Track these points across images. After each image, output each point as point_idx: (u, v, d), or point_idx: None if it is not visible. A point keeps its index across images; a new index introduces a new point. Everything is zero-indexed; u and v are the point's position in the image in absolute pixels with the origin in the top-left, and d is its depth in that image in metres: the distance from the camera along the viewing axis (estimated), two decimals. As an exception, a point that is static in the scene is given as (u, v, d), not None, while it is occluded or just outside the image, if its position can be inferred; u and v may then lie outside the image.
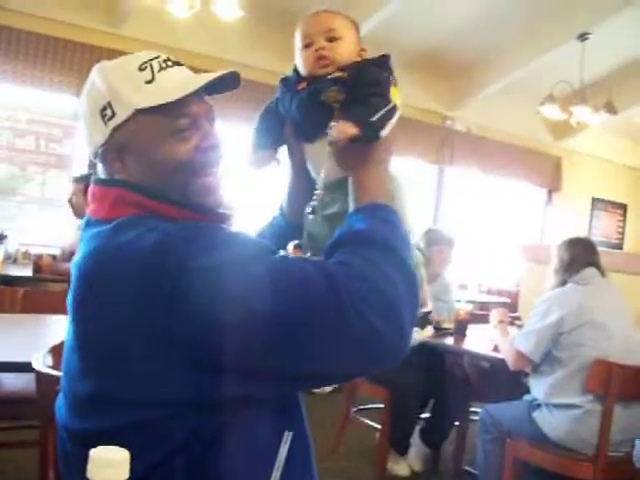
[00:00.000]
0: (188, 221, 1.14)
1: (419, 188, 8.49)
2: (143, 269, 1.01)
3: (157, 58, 1.19)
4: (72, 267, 1.15)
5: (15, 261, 5.50)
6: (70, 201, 4.59)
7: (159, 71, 1.17)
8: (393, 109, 1.22)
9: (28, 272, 4.91)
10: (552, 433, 2.89)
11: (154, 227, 1.06)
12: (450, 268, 4.41)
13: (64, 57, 5.76)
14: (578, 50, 6.53)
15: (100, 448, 0.69)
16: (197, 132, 1.17)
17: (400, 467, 3.84)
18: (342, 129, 1.16)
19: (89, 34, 5.83)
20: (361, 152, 1.21)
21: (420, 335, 3.82)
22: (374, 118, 1.18)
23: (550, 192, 9.58)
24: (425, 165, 8.36)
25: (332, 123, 1.19)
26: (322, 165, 1.28)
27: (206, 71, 1.24)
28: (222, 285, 0.98)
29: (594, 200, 10.09)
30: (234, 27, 5.49)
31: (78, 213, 4.52)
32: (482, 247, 8.85)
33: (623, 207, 10.53)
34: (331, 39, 1.30)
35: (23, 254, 5.58)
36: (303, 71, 1.31)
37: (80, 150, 5.99)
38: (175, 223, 1.10)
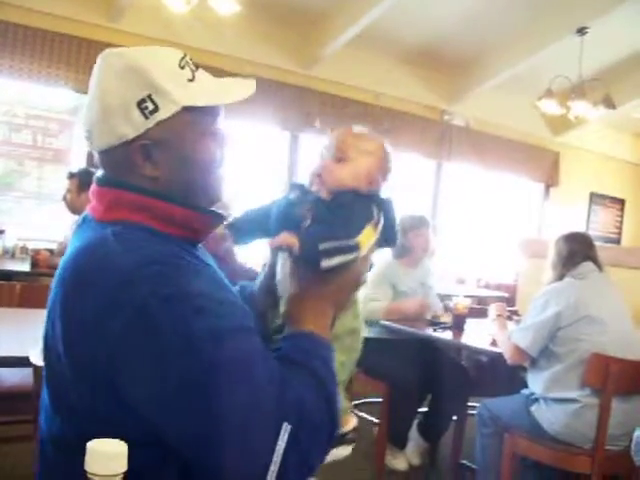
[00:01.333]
0: (179, 238, 1.17)
1: (417, 183, 8.48)
2: (111, 290, 1.02)
3: (186, 57, 1.21)
4: (60, 263, 1.17)
5: (13, 256, 5.50)
6: (64, 198, 4.57)
7: (196, 70, 1.21)
8: (352, 248, 1.14)
9: (25, 267, 4.91)
10: (550, 427, 2.89)
11: (139, 247, 1.07)
12: (432, 251, 4.35)
13: (61, 51, 5.74)
14: (576, 45, 6.52)
15: (98, 440, 0.69)
16: (223, 135, 1.24)
17: (398, 461, 3.84)
18: (283, 237, 1.13)
19: (87, 28, 5.80)
20: (304, 279, 1.17)
21: (332, 456, 3.81)
22: (321, 247, 1.11)
23: (548, 187, 9.58)
24: (423, 160, 8.35)
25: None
26: (279, 274, 1.26)
27: (206, 66, 1.24)
28: (171, 347, 0.98)
29: (592, 195, 10.09)
30: (231, 21, 5.47)
31: (72, 209, 4.50)
32: (480, 242, 8.86)
33: (621, 202, 10.54)
34: (339, 159, 1.27)
35: (20, 249, 5.58)
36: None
37: (77, 145, 5.98)
38: (161, 244, 1.11)
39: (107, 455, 0.68)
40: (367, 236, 1.18)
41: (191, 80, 1.18)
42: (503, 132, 8.65)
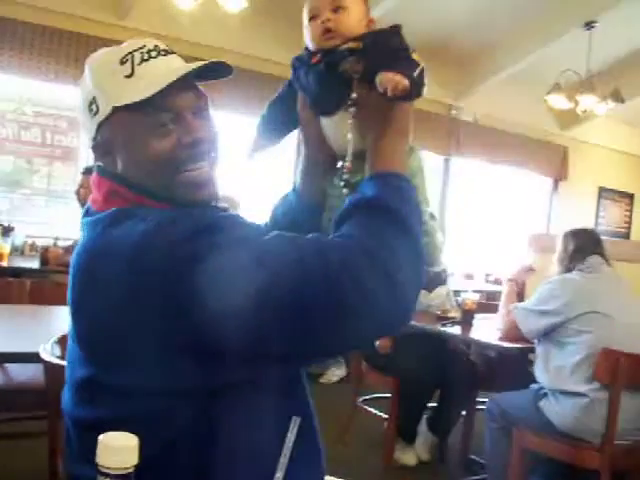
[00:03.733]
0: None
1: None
2: (134, 260, 0.99)
3: (141, 49, 1.15)
4: (73, 257, 1.16)
5: (22, 253, 5.52)
6: (77, 192, 4.60)
7: (140, 63, 1.13)
8: (423, 70, 1.18)
9: (35, 264, 4.93)
10: (559, 422, 2.89)
11: (144, 217, 1.05)
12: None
13: (69, 49, 5.76)
14: (584, 39, 6.50)
15: (109, 434, 0.70)
16: (179, 127, 1.13)
17: (407, 456, 3.85)
18: (393, 79, 1.11)
19: (94, 26, 5.82)
20: (385, 118, 1.18)
21: (426, 298, 3.78)
22: (415, 74, 1.14)
23: (556, 181, 9.55)
24: (431, 156, 8.34)
25: (353, 95, 1.17)
26: (344, 137, 1.24)
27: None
28: (214, 270, 0.96)
29: (601, 189, 10.06)
30: (239, 18, 5.48)
31: (84, 204, 4.52)
32: (489, 237, 8.84)
33: (630, 196, 10.50)
34: (336, 9, 1.26)
35: (30, 246, 5.61)
36: (311, 46, 1.28)
37: (86, 142, 5.99)
38: (167, 210, 1.10)
39: (119, 449, 0.68)
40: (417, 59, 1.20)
41: (129, 76, 1.12)
42: (511, 127, 8.63)
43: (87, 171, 4.61)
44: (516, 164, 8.93)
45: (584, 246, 3.13)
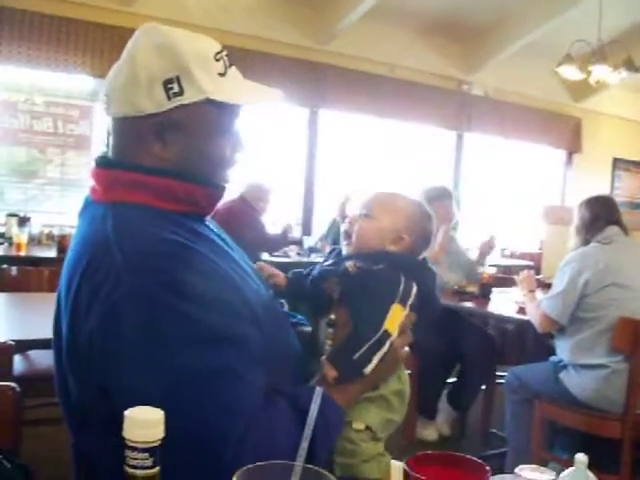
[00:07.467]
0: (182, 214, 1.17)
1: (438, 155, 8.43)
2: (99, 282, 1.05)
3: (223, 52, 1.21)
4: (69, 249, 1.19)
5: (39, 243, 5.57)
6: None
7: (229, 67, 1.20)
8: (382, 340, 1.17)
9: (52, 253, 4.97)
10: (579, 393, 2.89)
11: (132, 234, 1.10)
12: (455, 222, 4.33)
13: (78, 37, 5.76)
14: (595, 7, 6.40)
15: (136, 408, 0.71)
16: (236, 137, 1.25)
17: (428, 432, 3.86)
18: (325, 371, 1.16)
19: (101, 13, 5.81)
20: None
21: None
22: (356, 356, 1.15)
23: (570, 154, 9.48)
24: (443, 132, 8.30)
25: (331, 315, 1.23)
26: (323, 343, 1.27)
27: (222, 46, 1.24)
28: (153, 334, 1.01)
29: (615, 160, 9.96)
30: (245, 1, 5.46)
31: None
32: (504, 211, 8.80)
33: (646, 166, 10.39)
34: (365, 216, 1.30)
35: (46, 235, 5.65)
36: None
37: (98, 130, 6.01)
38: (158, 227, 1.12)
39: (146, 422, 0.69)
40: (395, 316, 1.19)
41: (222, 75, 1.18)
42: (523, 100, 8.55)
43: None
44: (529, 138, 8.86)
45: (600, 214, 3.10)
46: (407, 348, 1.28)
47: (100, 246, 1.09)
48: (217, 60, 1.18)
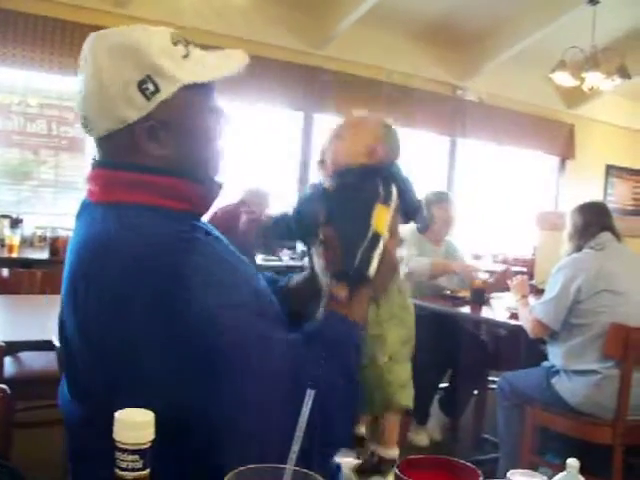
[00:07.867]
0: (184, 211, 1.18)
1: (432, 160, 8.43)
2: (138, 270, 1.05)
3: (175, 33, 1.19)
4: (68, 252, 1.19)
5: (32, 244, 5.55)
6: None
7: (187, 45, 1.19)
8: (375, 240, 1.18)
9: (44, 255, 4.96)
10: (571, 399, 2.89)
11: (150, 225, 1.10)
12: (454, 228, 4.35)
13: (72, 39, 5.73)
14: (589, 15, 6.43)
15: (126, 410, 0.70)
16: (220, 112, 1.25)
17: (420, 437, 3.86)
18: (335, 292, 1.18)
19: (96, 15, 5.78)
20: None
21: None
22: (356, 264, 1.17)
23: (563, 160, 9.51)
24: (437, 137, 8.31)
25: (320, 236, 1.24)
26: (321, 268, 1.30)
27: (214, 48, 1.24)
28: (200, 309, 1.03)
29: (608, 167, 10.00)
30: (240, 3, 5.46)
31: None
32: (497, 217, 8.81)
33: (638, 173, 10.42)
34: (336, 139, 1.32)
35: (39, 237, 5.63)
36: None
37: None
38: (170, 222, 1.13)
39: (135, 424, 0.69)
40: (380, 217, 1.20)
41: (186, 56, 1.16)
42: (517, 106, 8.57)
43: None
44: (522, 143, 8.88)
45: (592, 221, 3.10)
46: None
47: (103, 246, 1.09)
48: (175, 44, 1.16)
